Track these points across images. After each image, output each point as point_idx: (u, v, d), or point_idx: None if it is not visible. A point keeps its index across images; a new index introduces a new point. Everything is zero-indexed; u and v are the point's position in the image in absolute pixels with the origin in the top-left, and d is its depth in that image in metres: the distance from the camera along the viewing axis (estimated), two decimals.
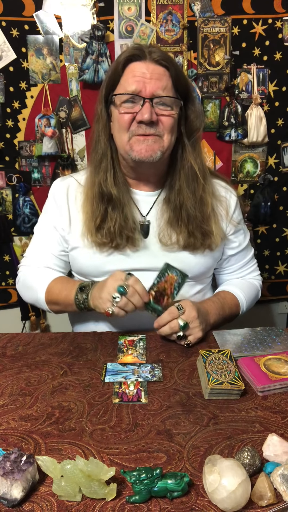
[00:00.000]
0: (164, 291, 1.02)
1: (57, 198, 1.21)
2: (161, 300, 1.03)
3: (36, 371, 0.93)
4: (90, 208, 1.14)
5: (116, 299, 0.98)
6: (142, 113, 1.03)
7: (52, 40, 1.76)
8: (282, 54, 1.81)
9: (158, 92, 1.04)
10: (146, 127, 1.05)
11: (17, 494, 0.60)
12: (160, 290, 1.02)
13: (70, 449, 0.71)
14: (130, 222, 1.12)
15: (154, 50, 1.07)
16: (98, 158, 1.14)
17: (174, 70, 1.07)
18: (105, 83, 1.12)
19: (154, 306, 1.03)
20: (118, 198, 1.12)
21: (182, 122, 1.12)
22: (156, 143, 1.07)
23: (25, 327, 2.08)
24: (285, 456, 0.66)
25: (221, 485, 0.58)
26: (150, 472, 0.61)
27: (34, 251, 1.25)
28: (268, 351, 0.97)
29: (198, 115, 1.15)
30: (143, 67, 1.05)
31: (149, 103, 1.04)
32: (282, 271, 2.12)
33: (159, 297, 1.03)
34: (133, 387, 0.86)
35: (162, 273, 1.02)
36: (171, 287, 1.02)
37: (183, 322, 1.00)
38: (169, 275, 1.02)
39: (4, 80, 1.79)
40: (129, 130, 1.06)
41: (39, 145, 1.83)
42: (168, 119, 1.06)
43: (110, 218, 1.12)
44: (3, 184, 1.92)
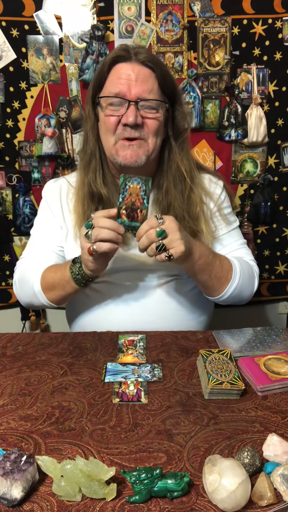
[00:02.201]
0: (133, 205, 0.96)
1: (50, 200, 1.23)
2: (135, 215, 0.96)
3: (36, 371, 0.93)
4: (82, 208, 1.14)
5: (89, 234, 0.96)
6: (127, 116, 1.03)
7: (52, 40, 1.76)
8: (282, 54, 1.81)
9: (143, 95, 1.04)
10: (131, 130, 1.05)
11: (17, 494, 0.60)
12: (129, 205, 0.95)
13: (70, 449, 0.71)
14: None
15: (141, 51, 1.06)
16: (87, 159, 1.15)
17: (160, 71, 1.07)
18: (92, 84, 1.12)
19: (131, 223, 0.96)
20: (108, 198, 1.13)
21: (169, 123, 1.12)
22: (141, 147, 1.07)
23: (25, 327, 2.08)
24: (285, 456, 0.66)
25: (221, 485, 0.58)
26: (150, 472, 0.61)
27: (30, 251, 1.25)
28: (268, 351, 0.97)
29: (185, 116, 1.15)
30: (128, 68, 1.04)
31: (134, 106, 1.03)
32: (282, 271, 2.12)
33: (132, 213, 0.96)
34: (133, 387, 0.86)
35: (122, 187, 0.95)
36: (138, 197, 0.95)
37: (160, 229, 0.92)
38: (130, 187, 0.95)
39: (4, 80, 1.79)
40: (115, 133, 1.07)
41: (39, 145, 1.83)
42: (153, 122, 1.06)
43: None
44: (3, 184, 1.92)
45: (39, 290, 1.16)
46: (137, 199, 0.95)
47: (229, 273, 1.12)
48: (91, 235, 0.96)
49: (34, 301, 1.20)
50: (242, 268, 1.16)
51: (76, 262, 1.06)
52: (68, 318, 1.31)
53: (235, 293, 1.14)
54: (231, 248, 1.22)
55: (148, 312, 1.14)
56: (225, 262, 1.13)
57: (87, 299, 1.20)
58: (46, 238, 1.22)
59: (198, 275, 1.08)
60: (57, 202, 1.21)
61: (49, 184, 1.28)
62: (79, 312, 1.22)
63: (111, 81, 1.06)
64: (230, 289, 1.13)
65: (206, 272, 1.08)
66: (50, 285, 1.14)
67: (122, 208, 0.95)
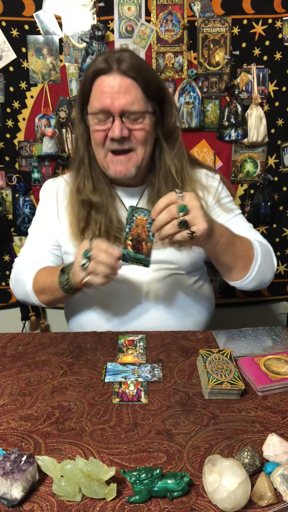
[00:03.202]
0: (139, 237, 0.94)
1: (46, 200, 1.25)
2: (140, 247, 0.95)
3: (36, 371, 0.93)
4: (73, 212, 1.15)
5: (85, 265, 0.95)
6: (113, 131, 1.03)
7: (52, 40, 1.76)
8: (282, 54, 1.82)
9: (127, 107, 1.03)
10: (119, 143, 1.05)
11: (17, 494, 0.60)
12: (135, 237, 0.94)
13: (70, 449, 0.71)
14: (115, 223, 1.13)
15: (122, 58, 1.03)
16: (76, 165, 1.16)
17: (142, 78, 1.04)
18: (78, 95, 1.12)
19: (136, 255, 0.95)
20: (99, 202, 1.14)
21: (158, 124, 1.11)
22: (130, 161, 1.08)
23: (25, 327, 2.08)
24: (285, 456, 0.66)
25: (221, 485, 0.58)
26: (150, 472, 0.61)
27: (27, 250, 1.27)
28: (268, 351, 0.97)
29: (175, 114, 1.14)
30: (110, 80, 1.03)
31: (119, 120, 1.03)
32: (282, 271, 2.12)
33: (137, 245, 0.95)
34: (133, 387, 0.86)
35: (130, 218, 0.94)
36: (144, 230, 0.94)
37: (182, 204, 0.87)
38: (137, 218, 0.94)
39: (4, 80, 1.79)
40: (104, 146, 1.07)
41: (39, 145, 1.83)
42: (140, 133, 1.06)
43: (94, 221, 1.13)
44: (3, 184, 1.92)
45: (31, 291, 1.17)
46: (143, 231, 0.94)
47: (251, 251, 1.09)
48: (87, 267, 0.95)
49: (27, 300, 1.22)
50: (260, 245, 1.13)
51: (64, 272, 1.06)
52: (66, 315, 1.31)
53: (259, 273, 1.11)
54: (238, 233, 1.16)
55: (148, 309, 1.15)
56: (245, 240, 1.10)
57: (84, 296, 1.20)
58: (41, 237, 1.24)
59: (222, 256, 1.04)
60: (54, 202, 1.23)
61: (47, 183, 1.30)
62: (76, 309, 1.22)
63: (95, 95, 1.06)
64: (255, 269, 1.09)
65: (229, 252, 1.04)
66: (41, 289, 1.15)
67: (128, 239, 0.94)
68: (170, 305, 1.17)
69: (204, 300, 1.24)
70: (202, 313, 1.23)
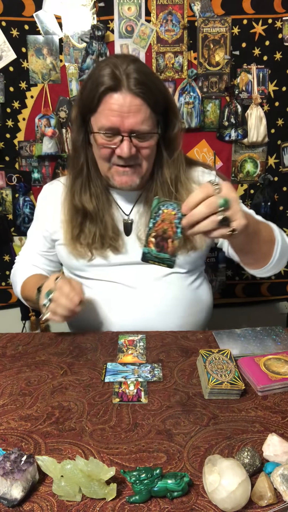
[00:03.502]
0: (165, 233, 0.82)
1: (44, 203, 1.29)
2: (164, 245, 0.83)
3: (36, 371, 0.93)
4: (67, 219, 1.17)
5: (46, 305, 1.00)
6: (122, 149, 1.03)
7: (52, 40, 1.76)
8: (282, 54, 1.81)
9: (136, 128, 1.03)
10: (125, 160, 1.06)
11: (17, 494, 0.60)
12: (160, 233, 0.82)
13: (70, 449, 0.71)
14: (110, 231, 1.15)
15: (130, 71, 1.01)
16: (74, 173, 1.16)
17: (152, 96, 1.03)
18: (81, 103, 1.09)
19: (159, 254, 0.83)
20: (95, 211, 1.14)
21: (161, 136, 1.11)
22: (135, 173, 1.09)
23: (25, 327, 2.08)
24: (285, 456, 0.66)
25: (221, 485, 0.58)
26: (150, 472, 0.61)
27: (25, 252, 1.34)
28: (268, 351, 0.97)
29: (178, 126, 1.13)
30: (120, 99, 1.01)
31: (128, 139, 1.03)
32: (282, 271, 2.11)
33: (162, 242, 0.82)
34: (133, 387, 0.86)
35: (155, 211, 0.82)
36: (171, 225, 0.82)
37: (223, 198, 0.77)
38: (164, 212, 0.82)
39: (4, 80, 1.79)
40: (109, 161, 1.08)
41: (39, 145, 1.83)
42: (146, 150, 1.07)
43: (88, 229, 1.15)
44: (3, 184, 1.92)
45: (20, 296, 1.28)
46: (170, 227, 0.81)
47: (272, 233, 1.06)
48: (47, 307, 1.00)
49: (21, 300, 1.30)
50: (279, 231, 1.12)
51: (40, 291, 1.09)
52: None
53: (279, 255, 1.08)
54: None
55: (146, 309, 1.15)
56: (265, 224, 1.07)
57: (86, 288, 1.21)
58: (35, 242, 1.30)
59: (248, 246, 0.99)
60: (51, 206, 1.24)
61: (44, 188, 1.32)
62: None
63: (103, 112, 1.04)
64: (277, 251, 1.07)
65: (255, 240, 0.99)
66: (26, 297, 1.25)
67: (151, 235, 0.82)
68: (169, 304, 1.17)
69: (203, 300, 1.24)
70: (201, 312, 1.23)
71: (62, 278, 1.03)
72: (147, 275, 1.16)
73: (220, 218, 0.77)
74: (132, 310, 1.15)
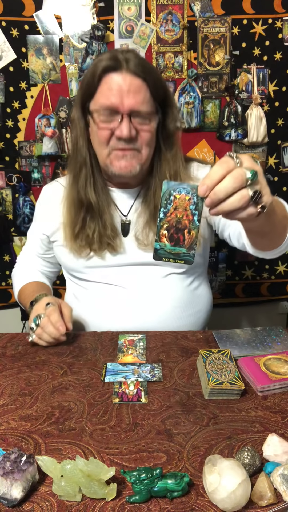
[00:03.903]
0: (179, 223, 0.71)
1: (43, 204, 1.29)
2: (180, 237, 0.71)
3: (36, 371, 0.93)
4: (69, 215, 1.16)
5: (33, 329, 1.02)
6: (121, 130, 1.02)
7: (52, 40, 1.76)
8: (282, 54, 1.82)
9: (136, 107, 1.02)
10: (125, 142, 1.04)
11: (17, 494, 0.60)
12: (173, 224, 0.71)
13: (70, 449, 0.71)
14: (109, 229, 1.14)
15: (130, 58, 1.03)
16: (77, 166, 1.14)
17: (152, 79, 1.04)
18: (81, 92, 1.09)
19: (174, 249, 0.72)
20: (97, 205, 1.13)
21: (159, 127, 1.10)
22: (134, 158, 1.06)
23: (25, 327, 2.08)
24: (285, 456, 0.66)
25: (221, 485, 0.58)
26: (150, 472, 0.61)
27: (25, 252, 1.36)
28: (268, 351, 0.97)
29: (176, 119, 1.13)
30: (119, 78, 1.01)
31: (128, 119, 1.02)
32: (282, 271, 2.12)
33: (176, 234, 0.71)
34: (133, 387, 0.86)
35: (165, 198, 0.70)
36: (186, 213, 0.70)
37: (251, 170, 0.66)
38: (176, 198, 0.70)
39: (4, 80, 1.79)
40: (108, 145, 1.06)
41: (39, 145, 1.83)
42: (146, 134, 1.05)
43: (88, 226, 1.14)
44: (3, 184, 1.92)
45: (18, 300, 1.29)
46: (185, 214, 0.70)
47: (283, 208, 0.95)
48: (34, 331, 1.02)
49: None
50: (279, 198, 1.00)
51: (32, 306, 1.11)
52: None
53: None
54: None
55: (144, 311, 1.15)
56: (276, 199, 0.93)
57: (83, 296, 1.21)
58: (33, 244, 1.32)
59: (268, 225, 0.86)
60: (50, 206, 1.24)
61: (45, 188, 1.32)
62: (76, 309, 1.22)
63: (102, 92, 1.03)
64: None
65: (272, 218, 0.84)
66: (21, 304, 1.27)
67: (162, 228, 0.71)
68: (167, 306, 1.16)
69: (202, 301, 1.24)
70: (199, 313, 1.23)
71: (52, 305, 1.03)
72: (145, 277, 1.16)
73: (251, 194, 0.66)
74: (130, 313, 1.15)
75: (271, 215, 0.82)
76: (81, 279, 1.21)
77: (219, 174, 0.65)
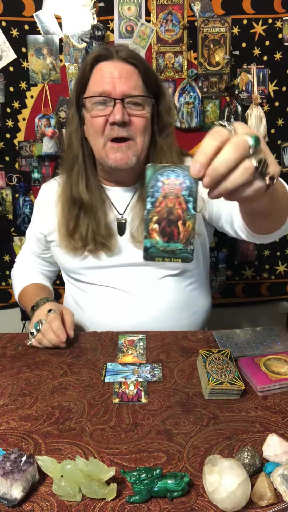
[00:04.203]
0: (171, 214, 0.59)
1: (41, 204, 1.28)
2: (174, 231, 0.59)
3: (36, 371, 0.93)
4: (62, 213, 1.15)
5: (33, 334, 1.02)
6: (114, 114, 1.02)
7: (52, 40, 1.76)
8: (282, 54, 1.82)
9: (128, 92, 1.03)
10: (119, 128, 1.03)
11: (17, 494, 0.60)
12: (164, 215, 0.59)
13: (70, 449, 0.71)
14: (102, 229, 1.12)
15: (121, 49, 1.05)
16: (69, 163, 1.14)
17: (143, 67, 1.06)
18: (74, 86, 1.10)
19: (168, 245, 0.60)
20: (90, 203, 1.12)
21: (154, 120, 1.11)
22: (130, 149, 1.06)
23: (25, 327, 2.08)
24: (285, 456, 0.66)
25: (221, 485, 0.58)
26: (150, 472, 0.61)
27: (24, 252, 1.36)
28: (268, 351, 0.97)
29: (170, 110, 1.14)
30: (111, 66, 1.03)
31: (121, 104, 1.02)
32: (282, 271, 2.12)
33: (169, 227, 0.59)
34: (133, 387, 0.86)
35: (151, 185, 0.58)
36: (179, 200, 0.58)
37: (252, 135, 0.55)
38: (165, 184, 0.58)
39: (4, 80, 1.79)
40: (103, 134, 1.05)
41: (39, 145, 1.83)
42: (140, 120, 1.05)
43: (82, 223, 1.13)
44: (3, 184, 1.92)
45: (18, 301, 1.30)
46: (176, 202, 0.58)
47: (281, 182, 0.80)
48: (34, 336, 1.01)
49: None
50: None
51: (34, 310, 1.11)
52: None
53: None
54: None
55: (141, 313, 1.14)
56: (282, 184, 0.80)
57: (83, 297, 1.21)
58: (31, 243, 1.32)
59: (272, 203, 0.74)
60: (48, 206, 1.23)
61: (43, 187, 1.32)
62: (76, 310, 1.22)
63: (94, 80, 1.05)
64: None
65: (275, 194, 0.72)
66: (22, 306, 1.27)
67: (152, 221, 0.59)
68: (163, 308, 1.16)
69: (199, 303, 1.23)
70: (195, 315, 1.22)
71: (54, 312, 1.03)
72: (141, 279, 1.15)
73: (255, 164, 0.54)
74: (126, 315, 1.14)
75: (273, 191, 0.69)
76: (78, 280, 1.21)
77: (213, 146, 0.55)
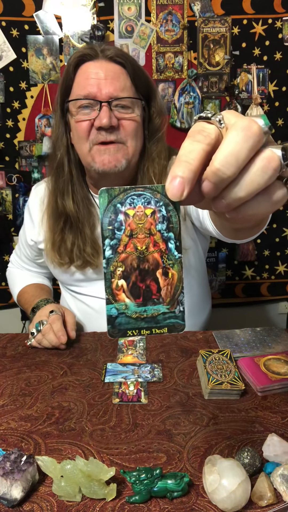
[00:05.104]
0: (143, 261, 0.41)
1: (31, 209, 1.21)
2: (151, 287, 0.41)
3: (36, 371, 0.93)
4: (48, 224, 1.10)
5: (34, 334, 1.01)
6: (100, 118, 0.93)
7: (52, 40, 1.76)
8: (282, 54, 1.82)
9: (115, 94, 0.94)
10: (106, 133, 0.94)
11: (17, 494, 0.60)
12: (132, 264, 0.41)
13: (70, 449, 0.71)
14: (88, 246, 1.05)
15: (108, 48, 0.96)
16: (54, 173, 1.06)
17: (131, 66, 0.96)
18: (58, 90, 1.01)
19: (147, 310, 0.42)
20: (76, 217, 1.05)
21: (145, 123, 1.02)
22: (119, 151, 0.96)
23: (25, 327, 2.08)
24: (285, 456, 0.66)
25: (221, 485, 0.58)
26: (150, 472, 0.61)
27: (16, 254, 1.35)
28: (268, 351, 0.97)
29: (160, 113, 1.04)
30: (96, 66, 0.94)
31: (107, 107, 0.93)
32: (282, 271, 2.12)
33: (142, 281, 0.41)
34: (133, 387, 0.86)
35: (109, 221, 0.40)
36: (153, 238, 0.41)
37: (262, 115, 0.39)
38: (129, 216, 0.40)
39: (4, 80, 1.79)
40: (88, 139, 0.96)
41: (39, 145, 1.83)
42: (130, 123, 0.96)
43: (67, 238, 1.07)
44: (3, 184, 1.92)
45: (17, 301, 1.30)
46: (150, 243, 0.41)
47: None
48: (34, 336, 1.01)
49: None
50: None
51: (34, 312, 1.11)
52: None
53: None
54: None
55: None
56: None
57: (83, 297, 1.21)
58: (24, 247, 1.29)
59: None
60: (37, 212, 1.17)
61: (32, 192, 1.25)
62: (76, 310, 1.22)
63: (79, 83, 0.96)
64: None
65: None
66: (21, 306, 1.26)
67: (115, 276, 0.41)
68: None
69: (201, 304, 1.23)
70: (199, 317, 1.22)
71: (56, 313, 1.01)
72: None
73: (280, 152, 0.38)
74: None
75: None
76: (70, 290, 1.21)
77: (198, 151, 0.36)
